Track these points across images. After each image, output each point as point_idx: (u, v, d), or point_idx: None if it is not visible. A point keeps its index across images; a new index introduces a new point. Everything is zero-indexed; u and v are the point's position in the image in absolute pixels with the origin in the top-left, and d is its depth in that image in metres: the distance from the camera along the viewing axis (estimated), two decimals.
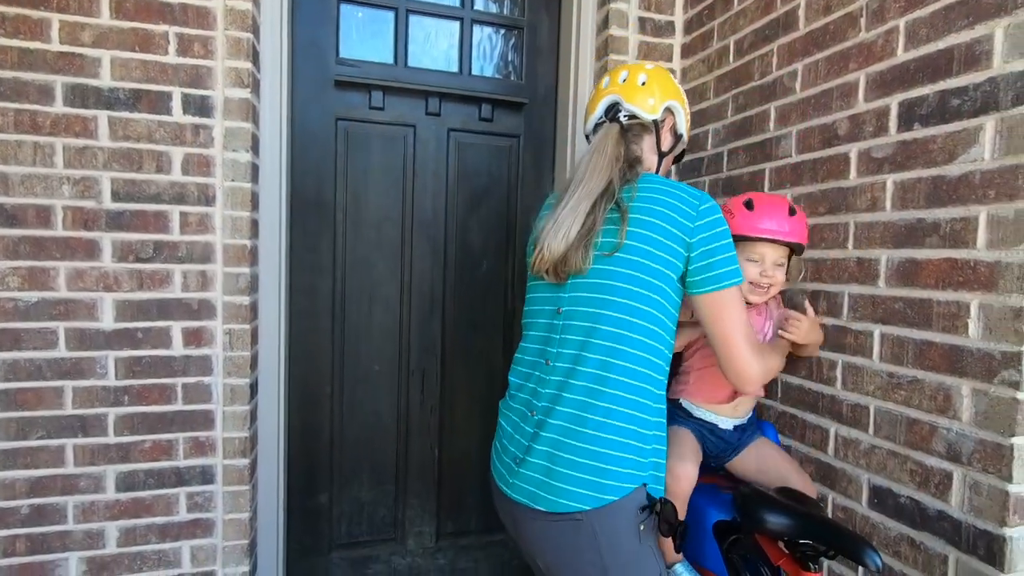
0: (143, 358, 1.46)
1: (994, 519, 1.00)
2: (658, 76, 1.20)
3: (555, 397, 1.05)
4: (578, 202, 1.07)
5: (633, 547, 0.99)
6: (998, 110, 1.00)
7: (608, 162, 1.11)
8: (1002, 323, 0.99)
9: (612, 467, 0.99)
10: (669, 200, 1.05)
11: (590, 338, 1.04)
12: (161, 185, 1.45)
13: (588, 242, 1.05)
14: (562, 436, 1.02)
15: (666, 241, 1.03)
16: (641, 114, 1.17)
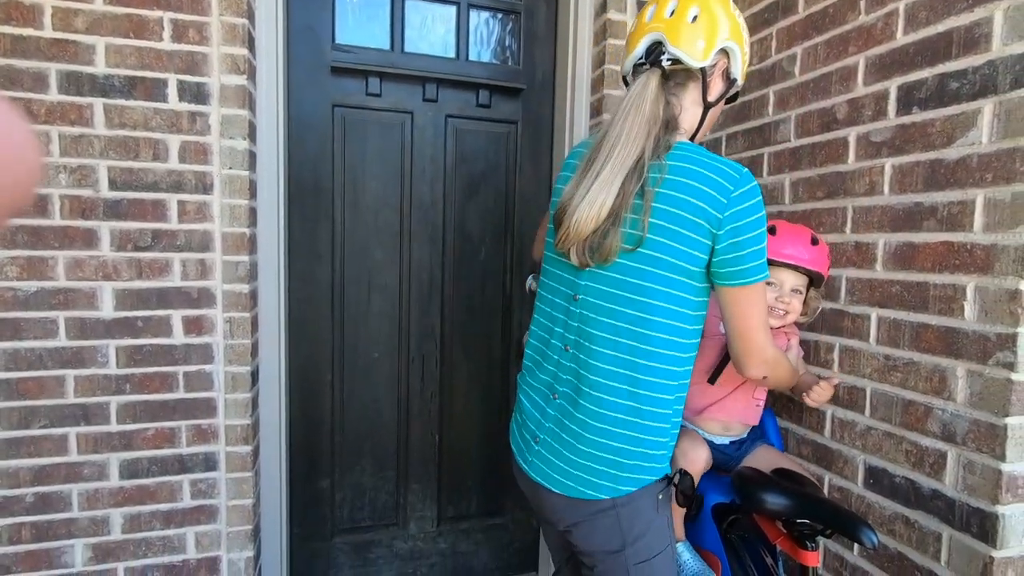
0: (144, 347, 1.46)
1: (987, 497, 1.02)
2: (714, 7, 0.98)
3: (575, 387, 1.01)
4: (611, 175, 0.95)
5: (651, 518, 1.01)
6: (996, 93, 1.01)
7: (645, 125, 0.96)
8: (998, 305, 1.01)
9: (631, 461, 0.98)
10: (698, 186, 0.92)
11: (607, 333, 0.99)
12: (159, 173, 1.44)
13: (616, 228, 0.95)
14: (581, 429, 0.99)
15: (690, 234, 0.93)
16: (687, 60, 0.98)
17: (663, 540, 1.03)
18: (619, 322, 0.98)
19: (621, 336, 0.98)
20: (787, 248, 1.25)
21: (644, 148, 0.95)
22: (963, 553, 1.06)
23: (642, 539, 1.00)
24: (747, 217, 0.92)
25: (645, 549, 1.00)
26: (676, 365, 0.99)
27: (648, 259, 0.95)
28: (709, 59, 0.99)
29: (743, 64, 1.04)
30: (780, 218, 1.49)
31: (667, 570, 1.03)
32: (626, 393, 0.97)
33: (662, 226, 0.94)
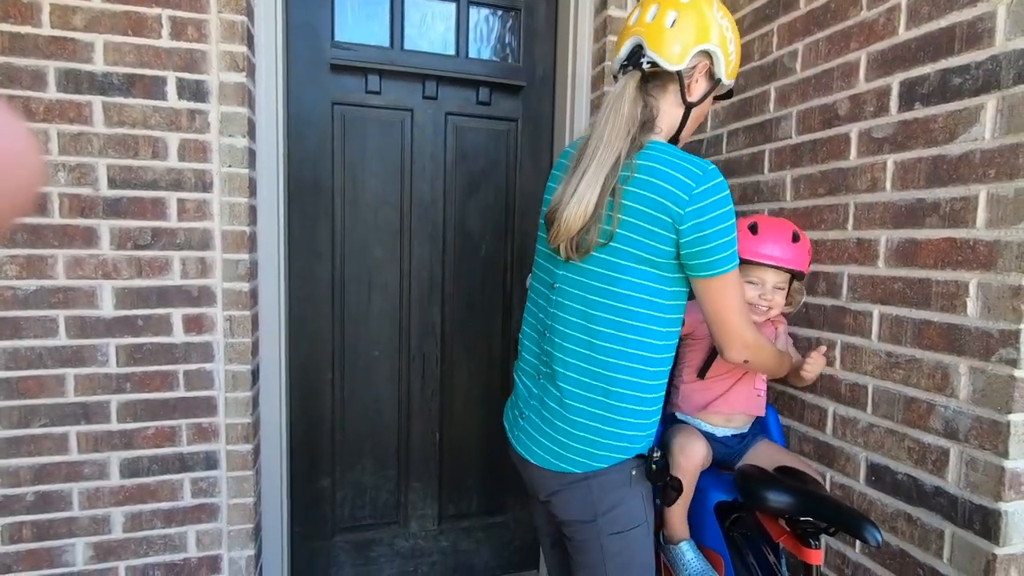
0: (144, 345, 1.46)
1: (990, 494, 1.02)
2: (694, 12, 1.01)
3: (554, 370, 1.08)
4: (595, 173, 1.00)
5: (624, 492, 1.06)
6: (999, 88, 1.00)
7: (623, 125, 1.01)
8: (1000, 302, 1.00)
9: (605, 440, 1.03)
10: (662, 184, 0.97)
11: (581, 320, 1.05)
12: (158, 171, 1.44)
13: (597, 224, 1.00)
14: (559, 407, 1.06)
15: (655, 229, 0.98)
16: (663, 63, 1.02)
17: (637, 515, 1.07)
18: (593, 310, 1.03)
19: (594, 323, 1.03)
20: (767, 248, 1.27)
21: (621, 148, 1.00)
22: (966, 550, 1.06)
23: (614, 511, 1.05)
24: (710, 212, 0.96)
25: (617, 521, 1.05)
26: (651, 352, 1.04)
27: (618, 252, 1.00)
28: (685, 63, 1.02)
29: (728, 65, 1.07)
30: (782, 215, 1.49)
31: (639, 543, 1.07)
32: (600, 377, 1.03)
33: (630, 222, 0.99)
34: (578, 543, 1.08)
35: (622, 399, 1.03)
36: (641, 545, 1.08)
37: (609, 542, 1.05)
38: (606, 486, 1.05)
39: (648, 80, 1.06)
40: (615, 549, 1.05)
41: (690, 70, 1.04)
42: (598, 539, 1.05)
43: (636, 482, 1.07)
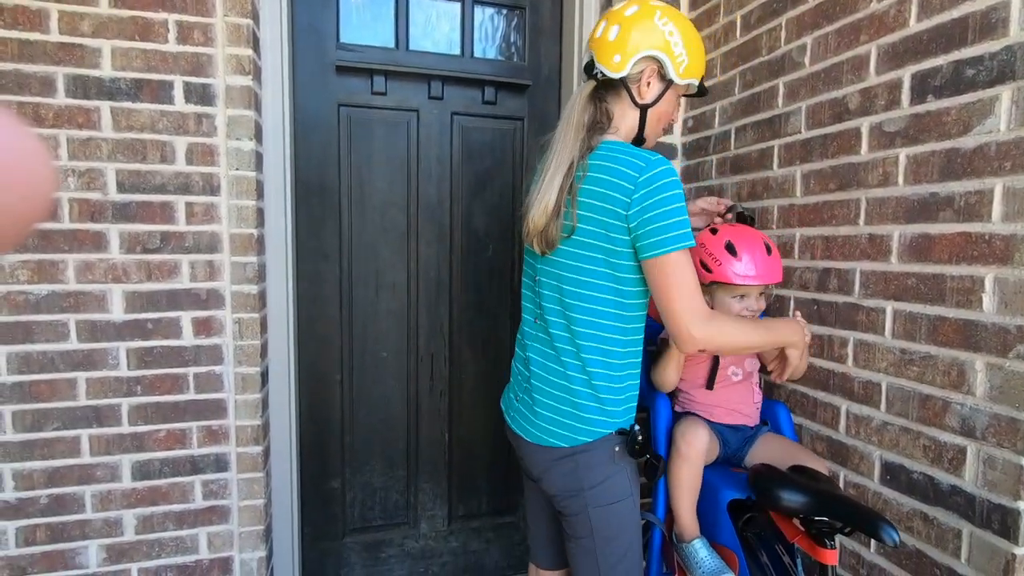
0: (154, 348, 1.47)
1: (1008, 493, 1.00)
2: (634, 24, 1.10)
3: (541, 352, 1.19)
4: (553, 175, 1.12)
5: (608, 468, 1.13)
6: (1015, 79, 0.98)
7: (573, 132, 1.13)
8: (1018, 297, 0.98)
9: (587, 414, 1.12)
10: (609, 178, 1.06)
11: (557, 306, 1.15)
12: (166, 175, 1.45)
13: (557, 221, 1.10)
14: (542, 384, 1.17)
15: (610, 220, 1.06)
16: (607, 73, 1.13)
17: (622, 490, 1.14)
18: (565, 298, 1.14)
19: (568, 310, 1.13)
20: (747, 268, 1.29)
21: (574, 151, 1.11)
22: (984, 550, 1.04)
23: (600, 486, 1.13)
24: (655, 196, 1.02)
25: (603, 495, 1.13)
26: (620, 333, 1.12)
27: (581, 244, 1.10)
28: (626, 70, 1.11)
29: (678, 66, 1.13)
30: (792, 211, 1.47)
31: (625, 517, 1.15)
32: (577, 358, 1.12)
33: (587, 216, 1.09)
34: (569, 517, 1.16)
35: (601, 378, 1.12)
36: (626, 519, 1.15)
37: (596, 514, 1.13)
38: (591, 462, 1.12)
39: (603, 88, 1.17)
40: (602, 522, 1.13)
41: (637, 75, 1.13)
42: (586, 510, 1.13)
43: (619, 458, 1.14)
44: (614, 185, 1.05)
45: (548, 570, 1.38)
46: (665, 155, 1.95)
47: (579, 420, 1.12)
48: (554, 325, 1.16)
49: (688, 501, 1.31)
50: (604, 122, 1.16)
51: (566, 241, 1.11)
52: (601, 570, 1.14)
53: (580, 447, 1.12)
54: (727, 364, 1.41)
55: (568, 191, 1.09)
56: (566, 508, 1.16)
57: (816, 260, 1.41)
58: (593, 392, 1.12)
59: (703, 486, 1.32)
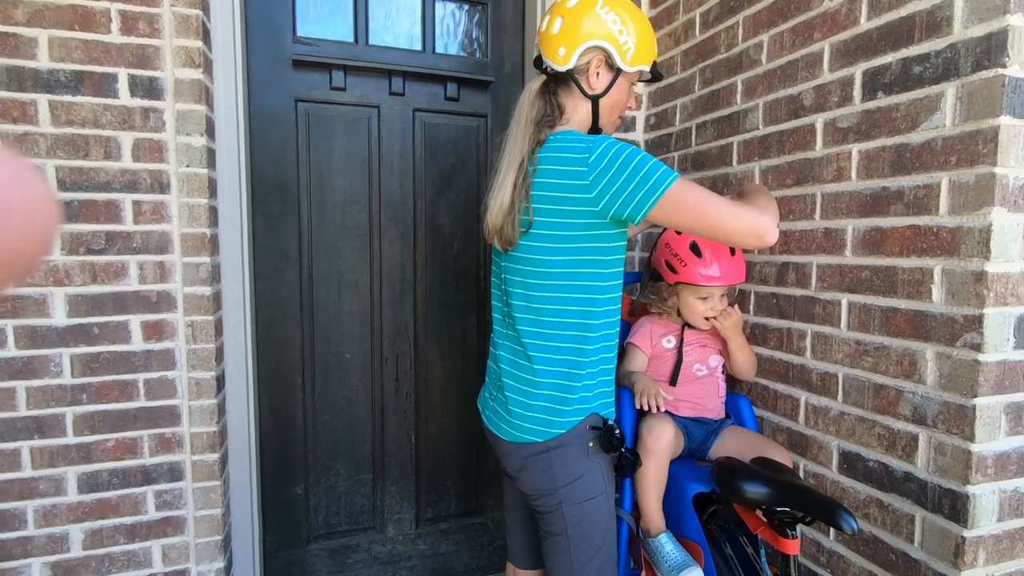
0: (101, 354, 1.40)
1: (958, 478, 1.03)
2: (576, 15, 1.10)
3: (512, 349, 1.19)
4: (506, 173, 1.12)
5: (583, 465, 1.13)
6: (959, 76, 1.01)
7: (522, 129, 1.13)
8: (964, 287, 1.01)
9: (559, 406, 1.12)
10: (559, 168, 1.06)
11: (524, 302, 1.14)
12: (111, 172, 1.38)
13: (515, 217, 1.10)
14: (513, 382, 1.17)
15: (570, 208, 1.05)
16: (553, 66, 1.13)
17: (596, 487, 1.14)
18: (530, 292, 1.13)
19: (533, 303, 1.13)
20: (712, 270, 1.32)
21: (524, 147, 1.11)
22: (936, 534, 1.07)
23: (574, 483, 1.12)
24: (613, 165, 1.01)
25: (577, 493, 1.12)
26: (591, 326, 1.11)
27: (541, 238, 1.09)
28: (572, 62, 1.11)
29: (625, 54, 1.11)
30: None
31: (599, 513, 1.15)
32: (545, 353, 1.12)
33: (544, 209, 1.08)
34: (544, 515, 1.16)
35: (573, 366, 1.11)
36: (600, 515, 1.15)
37: (571, 512, 1.12)
38: (565, 458, 1.12)
39: (554, 81, 1.17)
40: (577, 519, 1.13)
41: (584, 66, 1.12)
42: (560, 509, 1.13)
43: (593, 455, 1.14)
44: (566, 174, 1.05)
45: (526, 570, 1.38)
46: None
47: (550, 413, 1.12)
48: (521, 322, 1.15)
49: (654, 496, 1.31)
50: (556, 116, 1.16)
51: (526, 237, 1.11)
52: (575, 566, 1.14)
53: (554, 441, 1.12)
54: (691, 361, 1.42)
55: (521, 188, 1.09)
56: (541, 506, 1.16)
57: (775, 254, 1.43)
58: (561, 385, 1.11)
59: (669, 480, 1.33)
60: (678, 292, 1.38)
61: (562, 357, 1.12)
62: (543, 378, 1.12)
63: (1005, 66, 0.95)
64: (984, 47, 0.97)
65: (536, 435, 1.13)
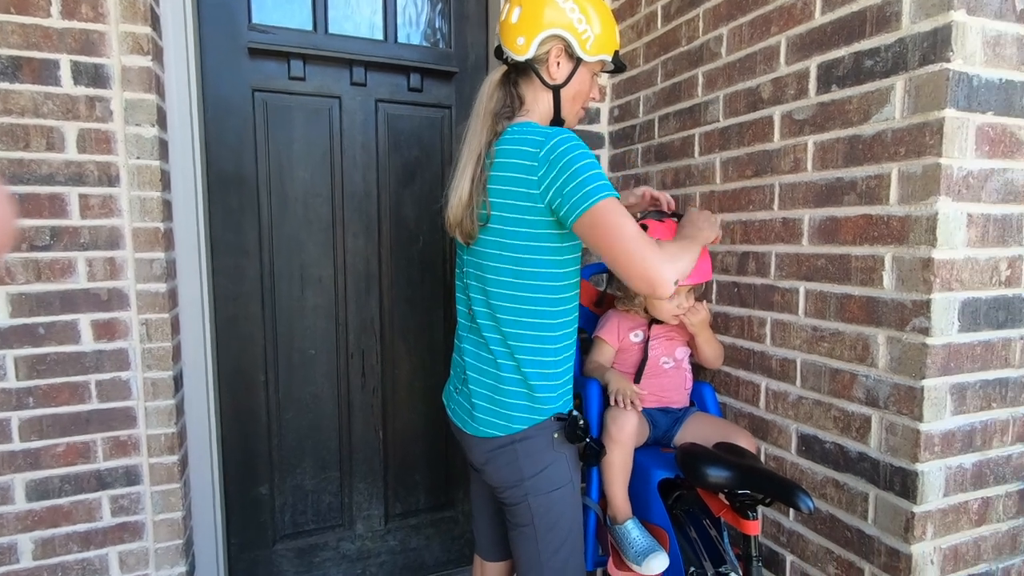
0: (48, 356, 1.33)
1: (908, 456, 1.08)
2: (534, 4, 1.09)
3: (475, 342, 1.18)
4: (465, 165, 1.12)
5: (548, 456, 1.14)
6: (907, 70, 1.05)
7: (480, 120, 1.13)
8: (913, 274, 1.05)
9: (519, 401, 1.12)
10: (513, 161, 1.06)
11: (484, 296, 1.14)
12: (54, 164, 1.31)
13: (472, 210, 1.10)
14: (477, 375, 1.17)
15: (523, 203, 1.05)
16: (513, 56, 1.12)
17: (562, 477, 1.15)
18: (489, 287, 1.13)
19: (492, 298, 1.12)
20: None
21: (482, 139, 1.11)
22: (888, 510, 1.12)
23: (540, 474, 1.13)
24: (559, 162, 1.00)
25: (543, 484, 1.13)
26: (550, 320, 1.11)
27: (498, 232, 1.09)
28: (531, 51, 1.10)
29: (584, 43, 1.10)
30: (712, 198, 1.52)
31: (565, 503, 1.15)
32: (506, 347, 1.12)
33: (500, 203, 1.07)
34: (510, 507, 1.16)
35: (531, 365, 1.11)
36: (566, 505, 1.16)
37: (536, 503, 1.13)
38: (530, 450, 1.13)
39: (515, 71, 1.16)
40: (543, 509, 1.13)
41: (544, 55, 1.11)
42: (526, 500, 1.13)
43: (559, 446, 1.15)
44: (518, 167, 1.05)
45: (492, 562, 1.38)
46: (592, 144, 1.98)
47: (513, 409, 1.12)
48: (481, 315, 1.15)
49: (620, 483, 1.33)
50: (516, 106, 1.15)
51: (485, 231, 1.10)
52: (542, 557, 1.14)
53: (518, 435, 1.12)
54: (658, 355, 1.44)
55: (479, 181, 1.09)
56: (507, 498, 1.16)
57: (736, 244, 1.46)
58: (524, 380, 1.12)
59: (634, 468, 1.35)
60: None
61: (524, 356, 1.11)
62: (506, 373, 1.12)
63: (949, 60, 0.98)
64: (930, 42, 1.01)
65: (501, 429, 1.13)
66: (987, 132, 1.03)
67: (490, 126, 1.12)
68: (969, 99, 1.00)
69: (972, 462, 1.11)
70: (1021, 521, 1.17)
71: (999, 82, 1.02)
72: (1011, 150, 1.05)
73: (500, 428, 1.13)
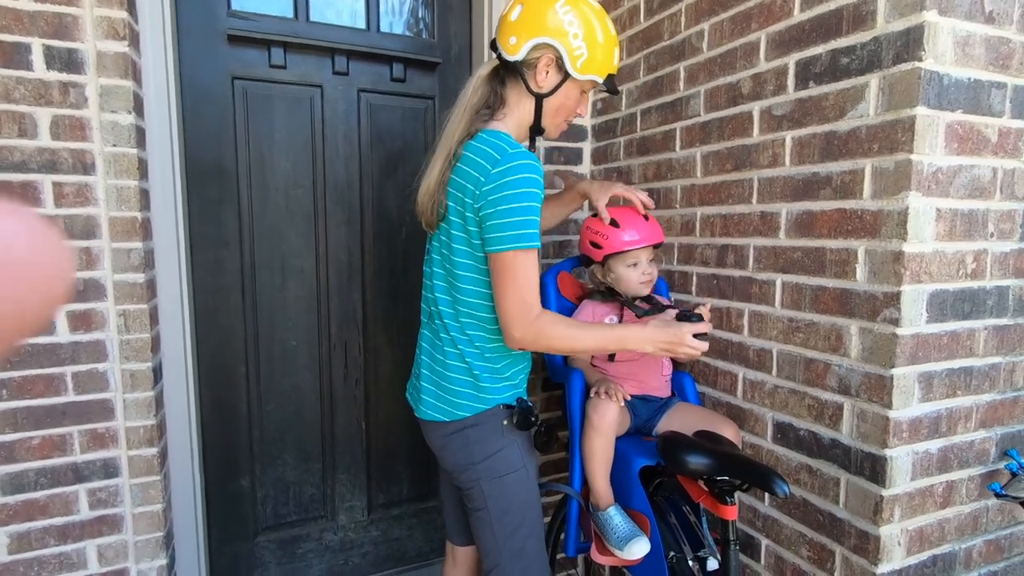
0: (21, 347, 1.30)
1: (877, 442, 1.12)
2: (534, 7, 1.07)
3: (432, 330, 1.22)
4: (437, 156, 1.13)
5: (498, 442, 1.16)
6: (881, 68, 1.08)
7: (461, 114, 1.13)
8: (884, 266, 1.09)
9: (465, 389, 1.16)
10: (468, 169, 1.07)
11: (440, 282, 1.17)
12: (27, 152, 1.28)
13: (435, 202, 1.12)
14: (428, 359, 1.22)
15: (466, 212, 1.07)
16: (503, 54, 1.11)
17: (514, 463, 1.17)
18: (438, 281, 1.17)
19: (438, 291, 1.17)
20: (630, 234, 1.37)
21: (456, 135, 1.12)
22: (858, 494, 1.16)
23: (491, 459, 1.16)
24: (503, 191, 1.01)
25: (495, 468, 1.16)
26: (483, 320, 1.14)
27: (448, 231, 1.12)
28: (520, 54, 1.08)
29: (575, 60, 1.09)
30: (693, 191, 1.54)
31: (518, 486, 1.18)
32: (450, 336, 1.16)
33: (451, 205, 1.10)
34: (465, 491, 1.19)
35: (475, 356, 1.15)
36: (519, 488, 1.18)
37: (489, 487, 1.16)
38: (481, 436, 1.16)
39: (504, 70, 1.14)
40: (496, 493, 1.16)
41: (534, 61, 1.09)
42: (479, 483, 1.16)
43: (509, 432, 1.17)
44: (470, 176, 1.06)
45: (461, 546, 1.42)
46: (575, 137, 1.99)
47: (458, 396, 1.16)
48: (432, 301, 1.20)
49: (602, 471, 1.36)
50: (497, 106, 1.15)
51: (440, 224, 1.14)
52: (498, 539, 1.17)
53: (469, 420, 1.16)
54: None
55: (443, 177, 1.11)
56: (462, 482, 1.19)
57: (715, 237, 1.49)
58: (469, 370, 1.15)
59: (616, 456, 1.37)
60: (610, 267, 1.42)
61: (466, 348, 1.15)
62: (452, 361, 1.16)
63: (922, 59, 1.01)
64: (903, 41, 1.04)
65: (446, 415, 1.17)
66: (956, 129, 1.06)
67: (467, 123, 1.12)
68: (940, 97, 1.04)
69: (938, 447, 1.15)
70: (982, 503, 1.23)
71: (968, 81, 1.06)
72: (978, 147, 1.09)
73: (446, 414, 1.17)
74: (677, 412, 1.46)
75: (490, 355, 1.16)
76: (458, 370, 1.16)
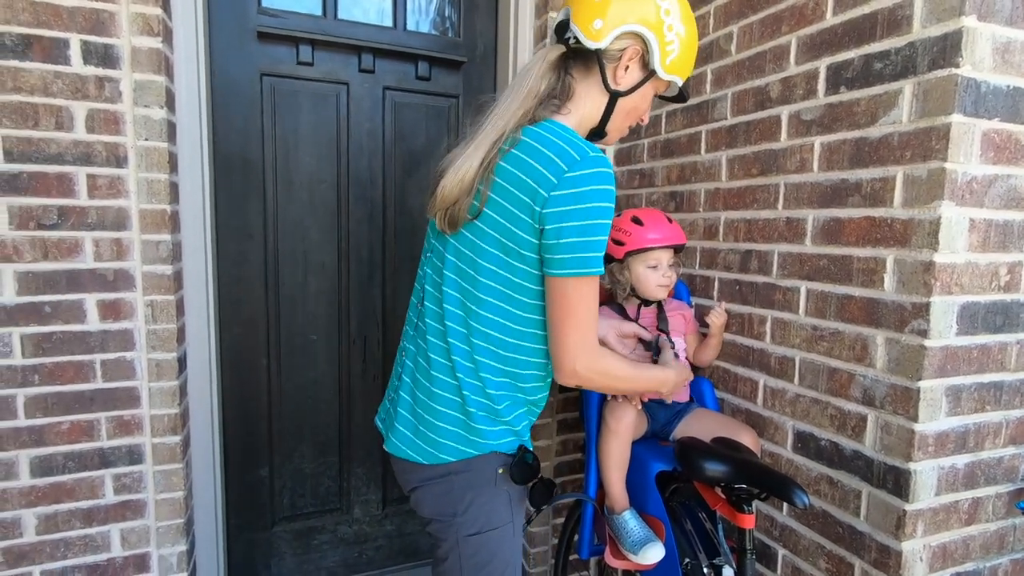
0: (53, 334, 1.34)
1: (901, 455, 1.10)
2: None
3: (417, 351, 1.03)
4: (481, 142, 0.94)
5: (488, 492, 0.99)
6: (916, 74, 1.05)
7: (521, 99, 0.94)
8: (914, 276, 1.07)
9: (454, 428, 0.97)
10: (533, 163, 0.89)
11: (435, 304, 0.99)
12: (63, 144, 1.31)
13: (471, 193, 0.93)
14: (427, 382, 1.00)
15: (518, 213, 0.89)
16: (582, 39, 0.93)
17: (500, 516, 1.00)
18: (450, 290, 0.97)
19: (457, 304, 0.97)
20: (654, 233, 1.38)
21: (512, 121, 0.93)
22: (880, 508, 1.14)
23: (472, 511, 0.98)
24: (577, 202, 0.86)
25: (476, 521, 0.98)
26: (501, 348, 0.96)
27: (481, 233, 0.93)
28: (606, 41, 0.92)
29: (665, 56, 0.95)
30: (718, 195, 1.53)
31: (500, 543, 1.00)
32: (453, 363, 0.96)
33: (496, 200, 0.91)
34: (437, 541, 1.03)
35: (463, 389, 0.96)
36: (501, 546, 1.01)
37: (465, 543, 0.98)
38: (470, 484, 0.98)
39: (572, 57, 0.97)
40: (471, 550, 0.99)
41: (617, 52, 0.94)
42: (455, 537, 0.99)
43: (501, 482, 0.99)
44: (536, 172, 0.88)
45: None
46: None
47: (439, 434, 0.98)
48: (431, 315, 1.00)
49: (618, 475, 1.35)
50: (561, 99, 0.98)
51: (469, 225, 0.94)
52: None
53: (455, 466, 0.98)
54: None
55: (488, 166, 0.92)
56: (435, 531, 1.02)
57: (739, 242, 1.47)
58: (460, 404, 0.97)
59: (632, 460, 1.37)
60: (629, 267, 1.41)
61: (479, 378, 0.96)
62: (442, 391, 0.97)
63: (959, 66, 0.99)
64: (940, 47, 1.01)
65: (428, 457, 0.98)
66: (993, 138, 1.04)
67: (529, 109, 0.94)
68: (976, 105, 1.01)
69: (964, 463, 1.13)
70: (1009, 522, 1.20)
71: (1007, 89, 1.03)
72: (1016, 157, 1.06)
73: (424, 455, 0.99)
74: (695, 417, 1.44)
75: (493, 391, 0.97)
76: (447, 403, 0.97)
